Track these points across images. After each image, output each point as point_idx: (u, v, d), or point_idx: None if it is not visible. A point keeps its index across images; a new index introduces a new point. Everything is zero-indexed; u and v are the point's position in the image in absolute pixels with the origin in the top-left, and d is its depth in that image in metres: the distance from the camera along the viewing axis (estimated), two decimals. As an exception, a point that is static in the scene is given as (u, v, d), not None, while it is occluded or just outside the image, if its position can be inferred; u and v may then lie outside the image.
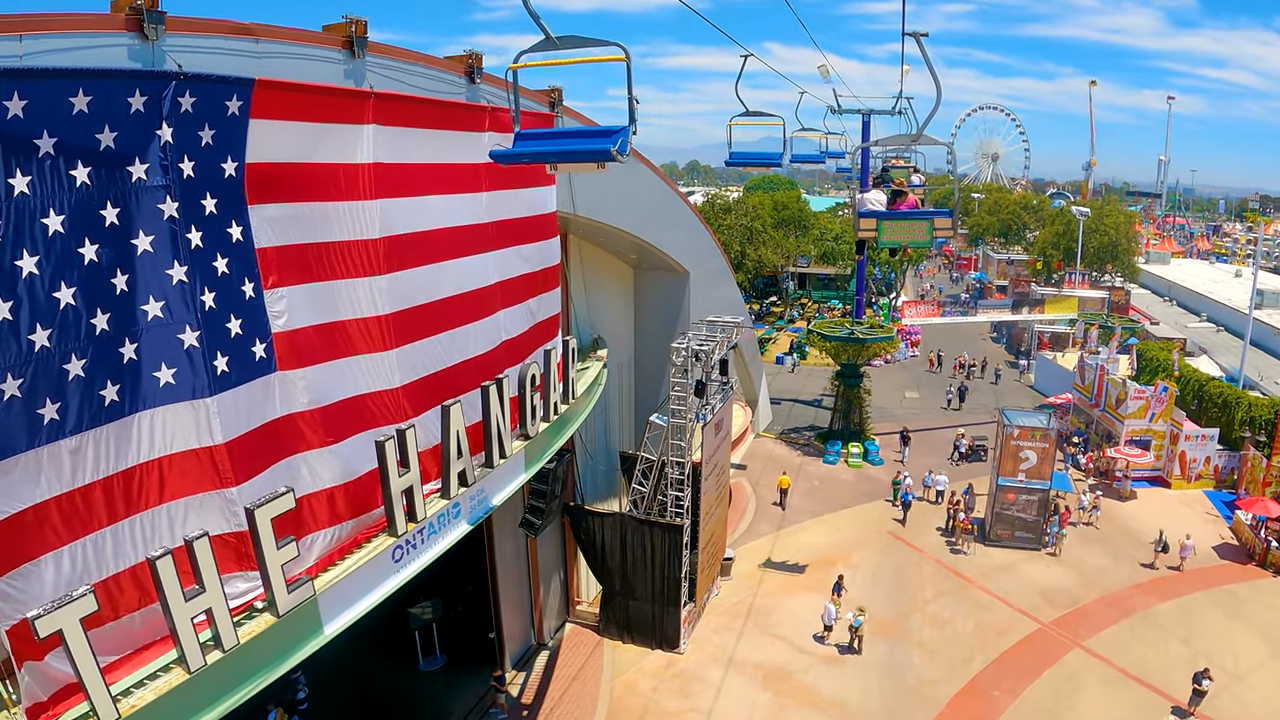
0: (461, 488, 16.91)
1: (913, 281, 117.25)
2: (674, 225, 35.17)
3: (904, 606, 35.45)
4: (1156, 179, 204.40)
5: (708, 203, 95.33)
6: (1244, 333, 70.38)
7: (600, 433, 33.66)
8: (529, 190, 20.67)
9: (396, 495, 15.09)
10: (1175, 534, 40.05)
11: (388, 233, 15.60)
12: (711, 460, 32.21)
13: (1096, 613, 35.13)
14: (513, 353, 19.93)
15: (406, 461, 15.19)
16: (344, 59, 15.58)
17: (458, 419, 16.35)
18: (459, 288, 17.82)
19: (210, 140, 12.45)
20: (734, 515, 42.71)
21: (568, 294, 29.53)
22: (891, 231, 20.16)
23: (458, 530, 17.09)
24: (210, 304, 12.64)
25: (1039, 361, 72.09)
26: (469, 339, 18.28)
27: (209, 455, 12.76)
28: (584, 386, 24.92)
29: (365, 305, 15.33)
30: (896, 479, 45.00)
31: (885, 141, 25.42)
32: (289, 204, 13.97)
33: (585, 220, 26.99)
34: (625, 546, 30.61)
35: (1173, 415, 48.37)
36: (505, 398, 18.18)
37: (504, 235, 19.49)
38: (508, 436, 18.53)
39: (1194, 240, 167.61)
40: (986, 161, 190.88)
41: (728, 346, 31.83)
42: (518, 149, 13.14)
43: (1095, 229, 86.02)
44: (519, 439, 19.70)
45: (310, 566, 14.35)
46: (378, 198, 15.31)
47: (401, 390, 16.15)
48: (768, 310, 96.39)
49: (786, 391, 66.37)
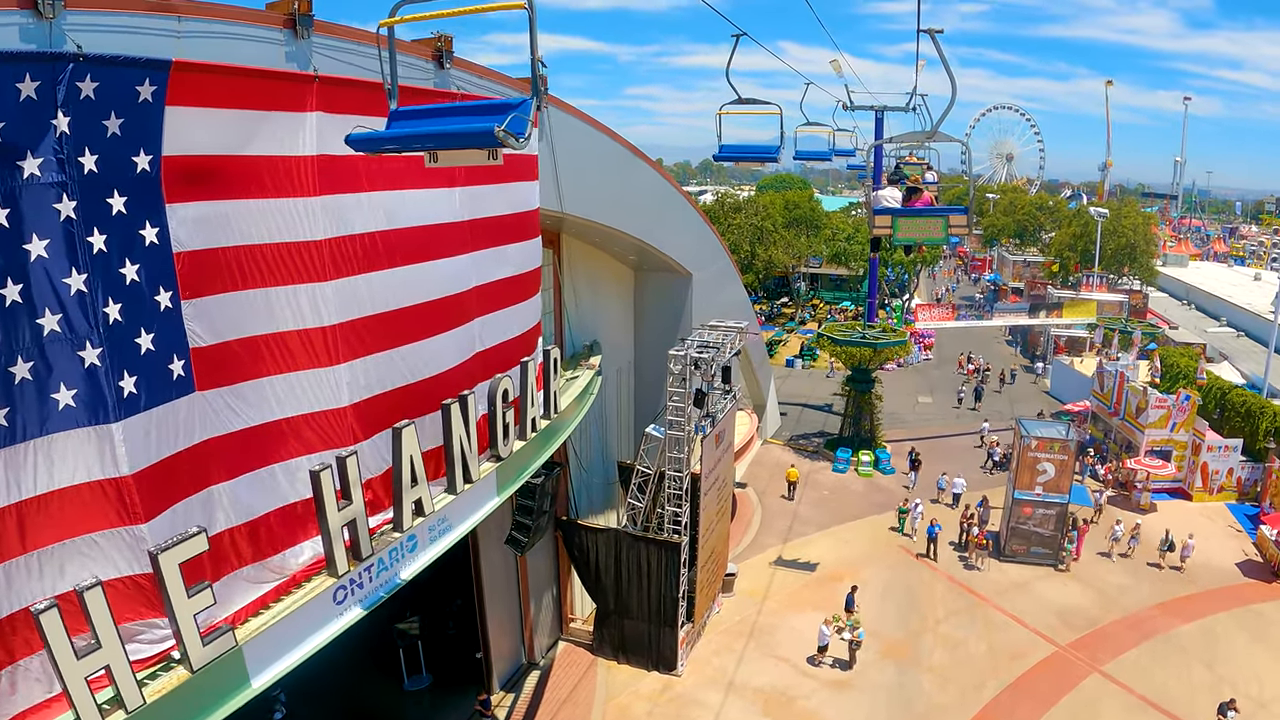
0: (418, 518, 15.23)
1: (927, 283, 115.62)
2: (676, 225, 33.61)
3: (915, 626, 33.79)
4: (1172, 180, 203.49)
5: (717, 202, 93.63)
6: (1264, 338, 68.82)
7: (596, 442, 32.09)
8: (509, 185, 18.95)
9: (336, 530, 13.42)
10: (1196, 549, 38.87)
11: (336, 233, 13.98)
12: (712, 474, 30.57)
13: (1116, 635, 33.46)
14: (488, 366, 18.26)
15: (348, 492, 13.52)
16: (286, 40, 13.97)
17: (411, 443, 14.64)
18: (426, 295, 16.15)
19: (118, 130, 10.89)
20: (738, 527, 41.09)
21: (559, 298, 28.05)
22: (906, 228, 19.56)
23: (415, 565, 15.43)
24: (116, 316, 11.11)
25: (1055, 366, 70.31)
26: (438, 352, 16.62)
27: (114, 488, 11.25)
28: (572, 397, 23.29)
29: (309, 315, 13.71)
30: (903, 507, 42.55)
31: (900, 138, 25.42)
32: (216, 202, 12.39)
33: (578, 220, 25.44)
34: (620, 564, 29.11)
35: (1195, 425, 46.72)
36: (470, 417, 16.49)
37: (480, 236, 17.81)
38: (474, 459, 16.83)
39: (1210, 242, 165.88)
40: (1001, 162, 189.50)
41: (731, 353, 30.00)
42: (380, 133, 11.15)
43: (1113, 230, 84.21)
44: (490, 460, 18.01)
45: (238, 611, 12.78)
46: (323, 194, 13.69)
47: (351, 410, 14.53)
48: (778, 311, 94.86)
49: (796, 395, 64.60)
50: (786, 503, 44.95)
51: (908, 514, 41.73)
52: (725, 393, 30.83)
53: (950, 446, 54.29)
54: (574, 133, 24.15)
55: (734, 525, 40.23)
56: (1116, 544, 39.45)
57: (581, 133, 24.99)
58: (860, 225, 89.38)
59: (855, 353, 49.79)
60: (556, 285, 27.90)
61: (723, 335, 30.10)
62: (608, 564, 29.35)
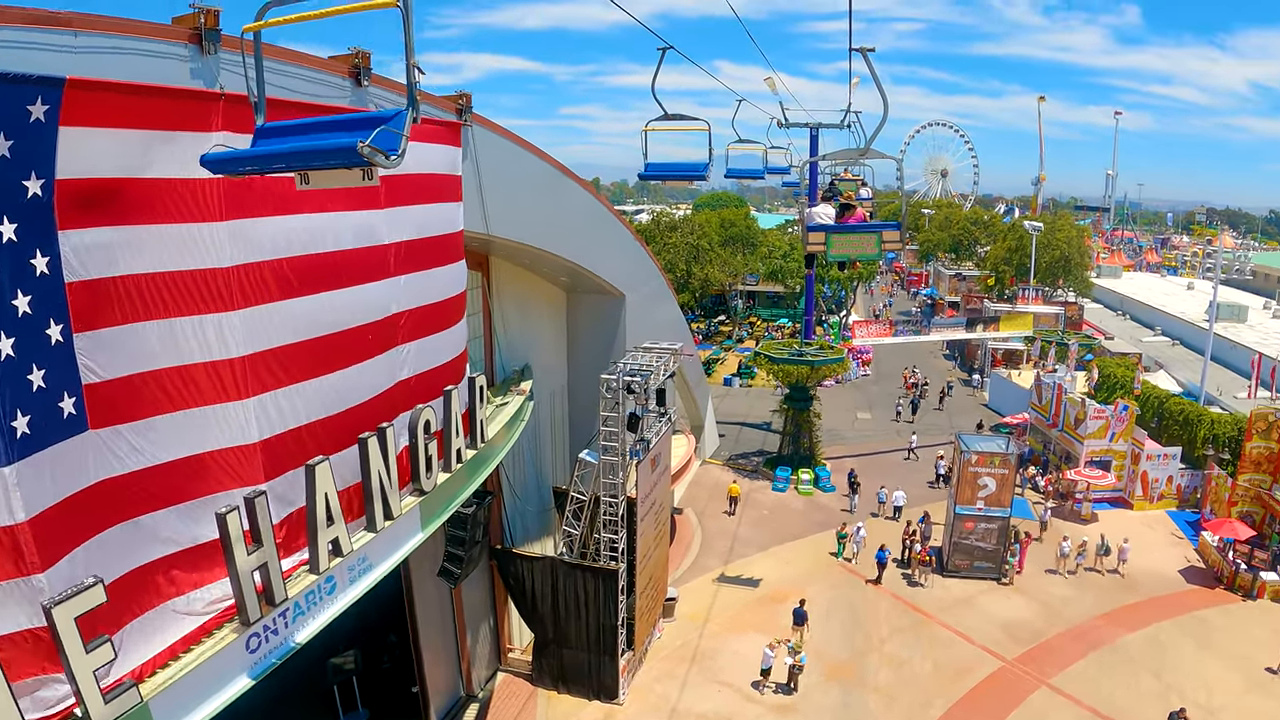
0: (336, 558, 14.49)
1: (864, 299, 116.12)
2: (608, 245, 33.05)
3: (859, 646, 33.42)
4: (1105, 193, 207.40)
5: (653, 221, 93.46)
6: (1198, 346, 69.76)
7: (530, 468, 31.37)
8: (435, 206, 18.33)
9: (246, 575, 12.61)
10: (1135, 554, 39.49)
11: (244, 259, 13.23)
12: (649, 498, 29.99)
13: (1062, 647, 33.44)
14: (412, 395, 17.52)
15: (258, 534, 12.74)
16: (192, 55, 13.21)
17: (326, 480, 13.89)
18: (344, 322, 15.40)
19: (7, 153, 10.07)
20: (678, 550, 40.56)
21: (489, 322, 27.35)
22: (840, 245, 19.82)
23: (334, 608, 14.65)
24: (8, 352, 10.28)
25: (993, 379, 70.77)
26: (357, 382, 15.85)
27: (9, 536, 10.39)
28: (501, 424, 22.62)
29: (215, 347, 12.93)
30: (842, 532, 41.50)
31: (834, 155, 25.83)
32: (113, 227, 11.60)
33: (506, 242, 24.79)
34: (557, 592, 28.42)
35: (1133, 434, 47.33)
36: (390, 451, 15.75)
37: (402, 260, 17.09)
38: (394, 495, 16.09)
39: (1143, 253, 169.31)
40: (935, 177, 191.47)
41: (665, 375, 29.46)
42: (237, 153, 10.37)
43: (1048, 244, 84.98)
44: (413, 494, 17.28)
45: (144, 663, 11.97)
46: (231, 219, 12.94)
47: (261, 446, 13.71)
48: (715, 330, 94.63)
49: (735, 414, 64.34)
50: (727, 524, 44.49)
51: (847, 538, 41.00)
52: (660, 415, 30.27)
53: (890, 462, 54.47)
54: (500, 152, 23.40)
55: (674, 548, 39.70)
56: (1064, 560, 39.44)
57: (508, 152, 24.25)
58: (796, 242, 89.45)
59: (793, 371, 49.58)
60: (486, 309, 27.20)
61: (656, 357, 29.56)
62: (544, 593, 28.65)
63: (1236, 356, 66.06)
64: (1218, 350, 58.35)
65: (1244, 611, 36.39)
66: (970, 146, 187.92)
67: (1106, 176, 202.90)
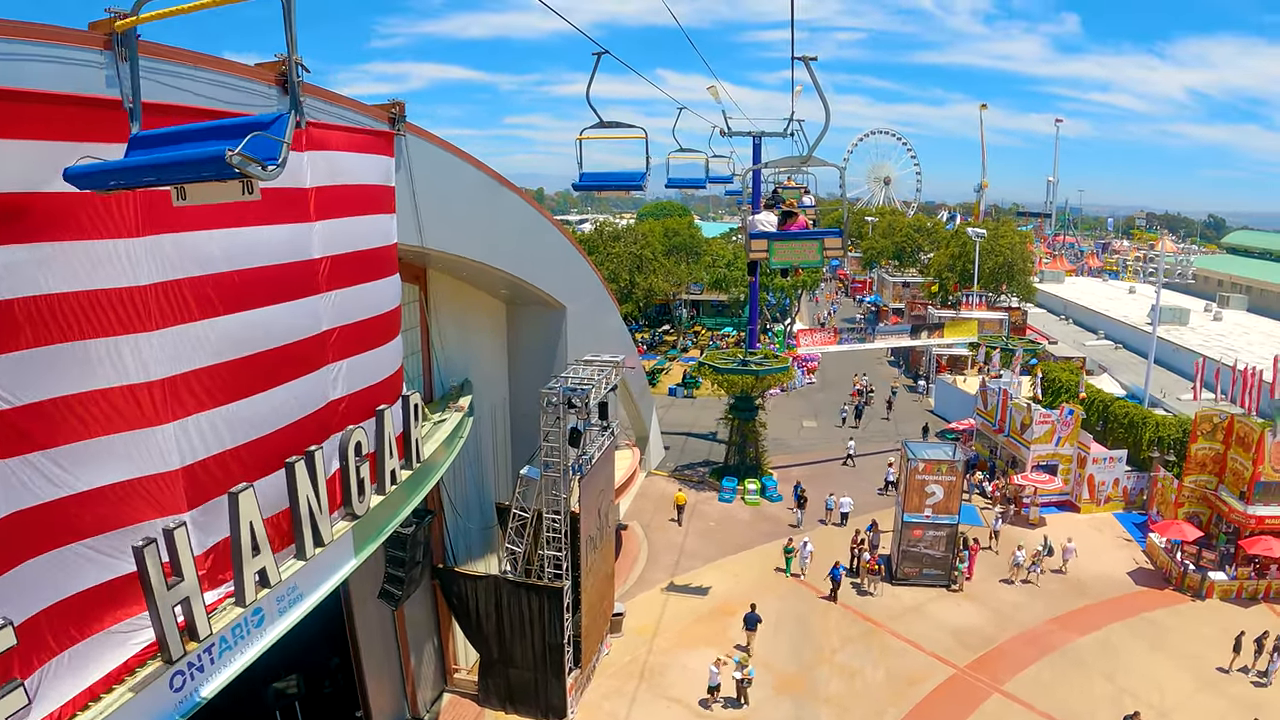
0: (263, 590, 13.80)
1: (809, 306, 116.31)
2: (547, 257, 32.56)
3: (809, 658, 33.09)
4: (1046, 199, 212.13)
5: (596, 230, 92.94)
6: (1141, 349, 70.58)
7: (472, 485, 30.75)
8: (367, 218, 17.68)
9: (167, 611, 11.90)
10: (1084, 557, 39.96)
11: (163, 277, 12.55)
12: (593, 513, 29.47)
13: (1014, 652, 33.42)
14: (345, 416, 16.86)
15: (178, 567, 12.03)
16: (107, 62, 12.52)
17: (251, 508, 13.19)
18: (270, 341, 14.69)
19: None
20: (624, 563, 40.05)
21: (427, 337, 26.72)
22: (783, 252, 20.05)
23: (263, 641, 13.96)
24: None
25: (938, 385, 70.96)
26: (285, 404, 15.13)
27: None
28: (439, 442, 21.98)
29: (132, 369, 12.25)
30: (789, 546, 40.59)
31: (776, 163, 25.56)
32: (18, 246, 10.91)
33: (443, 254, 24.18)
34: (501, 611, 27.80)
35: (1079, 438, 47.70)
36: (319, 475, 15.07)
37: (332, 275, 16.42)
38: (325, 521, 15.40)
39: (1085, 258, 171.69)
40: (879, 185, 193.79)
41: (607, 389, 28.91)
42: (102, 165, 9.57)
43: (991, 250, 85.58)
44: (345, 519, 16.62)
45: (62, 706, 11.26)
46: (148, 234, 12.27)
47: (183, 474, 13.01)
48: (660, 339, 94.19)
49: (680, 424, 63.88)
50: (674, 536, 44.01)
51: (794, 553, 40.23)
52: (603, 429, 29.70)
53: (837, 470, 54.46)
54: (435, 162, 22.74)
55: (620, 561, 39.22)
56: (1019, 569, 39.28)
57: (443, 162, 23.61)
58: (740, 251, 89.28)
59: (737, 381, 49.19)
60: (423, 323, 26.57)
61: (598, 370, 29.02)
62: (488, 612, 28.01)
63: (1179, 359, 66.87)
64: (1161, 353, 59.05)
65: (1193, 611, 36.63)
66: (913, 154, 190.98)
67: (1048, 183, 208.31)
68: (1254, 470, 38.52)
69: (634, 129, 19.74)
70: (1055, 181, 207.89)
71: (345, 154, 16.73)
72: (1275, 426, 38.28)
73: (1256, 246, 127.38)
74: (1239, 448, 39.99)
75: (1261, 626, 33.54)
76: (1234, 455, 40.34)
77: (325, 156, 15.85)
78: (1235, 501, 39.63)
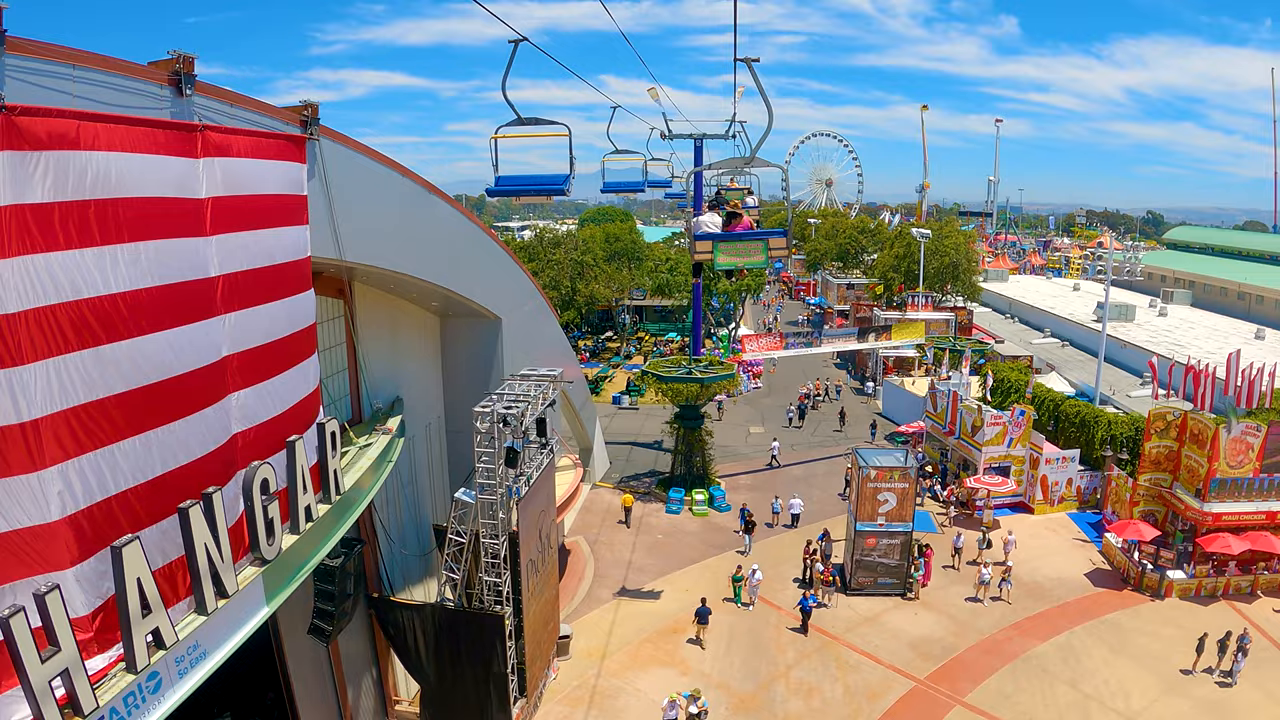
0: (159, 651, 12.21)
1: (753, 311, 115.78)
2: (480, 266, 31.15)
3: (764, 675, 31.99)
4: (987, 198, 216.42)
5: (536, 237, 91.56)
6: (1087, 346, 70.68)
7: (407, 508, 29.25)
8: (274, 231, 16.06)
9: (41, 685, 10.24)
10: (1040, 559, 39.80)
11: (35, 303, 10.96)
12: (533, 536, 28.05)
13: (974, 662, 32.64)
14: (250, 450, 15.24)
15: (54, 635, 10.40)
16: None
17: (137, 562, 11.58)
18: (163, 371, 13.02)
19: None
20: (570, 581, 38.71)
21: (354, 354, 25.20)
22: (727, 253, 19.97)
23: (164, 707, 12.36)
24: None
25: (886, 387, 70.38)
26: (181, 441, 13.43)
27: None
28: (364, 469, 20.47)
29: (6, 408, 10.68)
30: (737, 575, 38.04)
31: (719, 165, 25.02)
32: None
33: (367, 267, 22.69)
34: (441, 641, 26.30)
35: (1031, 439, 47.35)
36: (219, 519, 13.49)
37: (237, 293, 14.84)
38: (228, 570, 13.80)
39: (1027, 256, 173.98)
40: (821, 187, 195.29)
41: (544, 405, 27.43)
42: None
43: (936, 250, 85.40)
44: (254, 564, 15.03)
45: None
46: (16, 255, 10.72)
47: (65, 525, 11.36)
48: (603, 346, 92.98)
49: (625, 433, 62.74)
50: (621, 551, 42.70)
51: (743, 581, 37.81)
52: (542, 446, 28.23)
53: (788, 476, 53.59)
54: (355, 169, 21.18)
55: (565, 579, 37.96)
56: (986, 588, 37.67)
57: (364, 169, 21.99)
58: (683, 256, 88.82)
59: (682, 389, 47.93)
60: (349, 340, 25.05)
61: (535, 385, 27.54)
62: (427, 642, 26.50)
63: (1127, 356, 67.06)
64: (1108, 349, 58.75)
65: (1153, 611, 36.23)
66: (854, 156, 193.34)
67: (988, 182, 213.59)
68: (1209, 467, 38.20)
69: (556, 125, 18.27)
70: (996, 181, 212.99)
71: (249, 161, 15.20)
72: (1230, 423, 37.92)
73: (1197, 242, 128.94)
74: (1193, 445, 39.64)
75: (1222, 624, 33.28)
76: (1188, 452, 39.99)
77: (224, 164, 14.33)
78: (1191, 499, 39.31)
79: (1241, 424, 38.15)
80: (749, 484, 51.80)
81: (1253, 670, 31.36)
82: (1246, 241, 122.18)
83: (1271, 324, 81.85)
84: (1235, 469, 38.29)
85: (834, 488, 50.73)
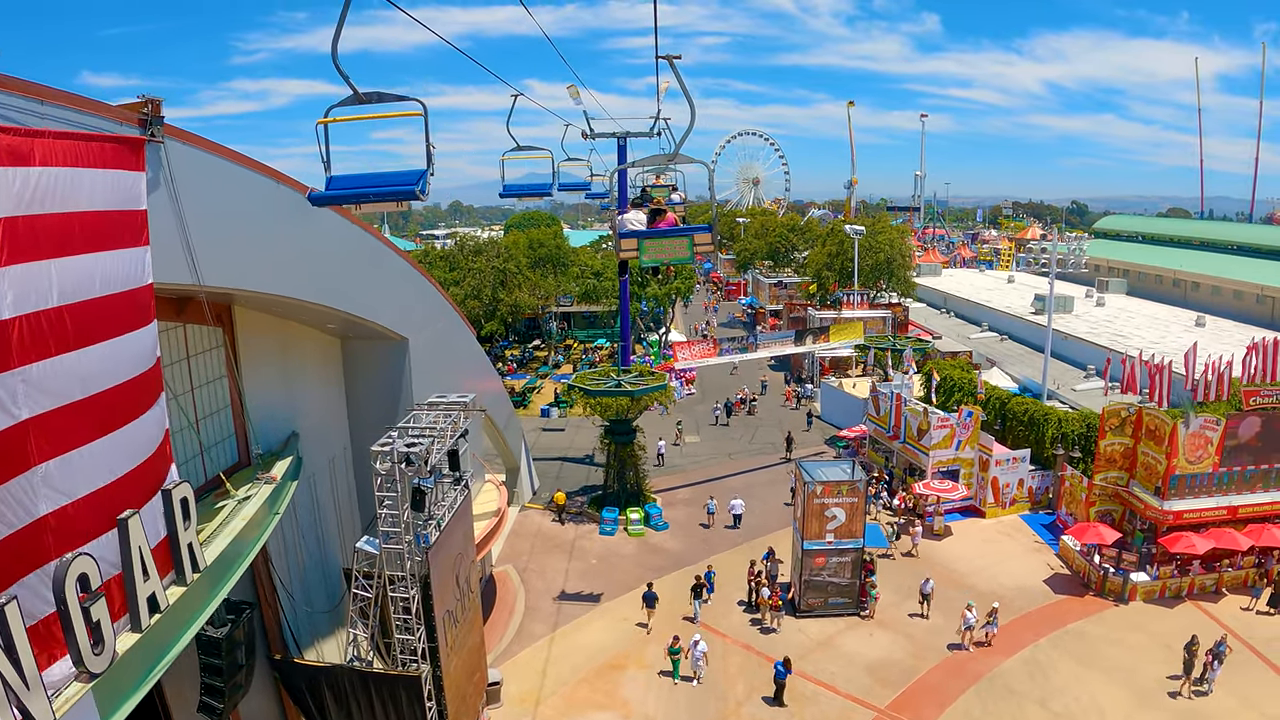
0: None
1: (684, 316, 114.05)
2: (379, 283, 28.19)
3: (714, 713, 29.63)
4: (914, 193, 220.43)
5: (456, 245, 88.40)
6: (1026, 339, 69.74)
7: (311, 555, 26.27)
8: (99, 256, 12.75)
9: None
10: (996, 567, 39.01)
11: None
12: (449, 585, 25.05)
13: (937, 685, 30.73)
14: (60, 540, 11.83)
15: None
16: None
17: None
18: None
19: None
20: (499, 617, 35.86)
21: (237, 389, 22.15)
22: (653, 250, 19.75)
23: None
24: None
25: (824, 390, 68.50)
26: None
27: None
28: (235, 532, 17.38)
29: None
30: (674, 647, 31.81)
31: (643, 162, 24.59)
32: None
33: (236, 291, 19.64)
34: (354, 704, 23.37)
35: (980, 440, 45.83)
36: (15, 634, 10.12)
37: (39, 338, 11.55)
38: (36, 693, 10.46)
39: (956, 249, 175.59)
40: (748, 186, 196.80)
41: (455, 436, 24.30)
42: None
43: (869, 246, 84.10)
44: (79, 679, 11.73)
45: None
46: None
47: None
48: (531, 356, 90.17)
49: (555, 448, 60.10)
50: (554, 579, 39.83)
51: (682, 653, 31.80)
52: (455, 481, 25.13)
53: (727, 486, 51.17)
54: (212, 176, 17.67)
55: (494, 615, 35.32)
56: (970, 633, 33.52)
57: (225, 175, 18.43)
58: (610, 261, 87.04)
59: (612, 403, 45.15)
60: (231, 373, 22.00)
61: (444, 415, 24.44)
62: (340, 706, 23.51)
63: (1069, 348, 66.30)
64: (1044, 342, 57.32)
65: (1118, 617, 34.91)
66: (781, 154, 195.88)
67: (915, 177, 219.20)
68: (1168, 464, 36.87)
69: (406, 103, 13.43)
70: (922, 175, 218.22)
71: (61, 170, 12.00)
72: (1188, 417, 36.30)
73: (1128, 230, 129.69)
74: (1150, 441, 38.20)
75: (1188, 626, 32.25)
76: (1145, 449, 38.60)
77: (23, 175, 11.25)
78: (1150, 497, 37.99)
79: (1200, 418, 36.62)
80: (686, 498, 49.37)
81: (1225, 675, 30.02)
82: (1177, 228, 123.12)
83: (1209, 310, 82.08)
84: (1194, 465, 36.94)
85: (777, 497, 48.51)
